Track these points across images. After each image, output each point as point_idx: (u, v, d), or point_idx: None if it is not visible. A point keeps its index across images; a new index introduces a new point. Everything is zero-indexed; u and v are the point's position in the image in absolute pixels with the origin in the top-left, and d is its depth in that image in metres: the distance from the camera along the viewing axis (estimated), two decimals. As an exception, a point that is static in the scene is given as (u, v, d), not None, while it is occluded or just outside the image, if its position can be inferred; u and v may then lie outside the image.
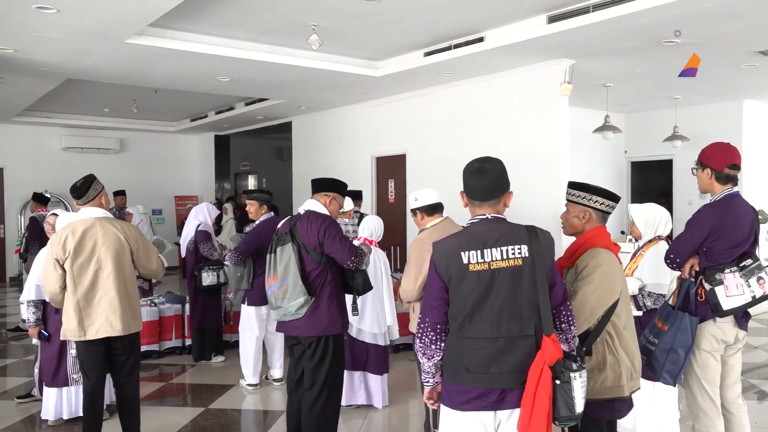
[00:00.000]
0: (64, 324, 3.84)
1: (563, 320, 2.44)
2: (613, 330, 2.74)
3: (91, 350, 3.87)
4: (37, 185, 12.58)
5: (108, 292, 3.83)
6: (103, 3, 5.07)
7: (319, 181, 3.96)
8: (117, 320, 3.84)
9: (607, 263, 2.75)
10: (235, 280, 5.36)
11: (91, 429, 3.94)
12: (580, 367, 2.33)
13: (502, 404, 2.34)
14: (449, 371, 2.42)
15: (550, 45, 6.37)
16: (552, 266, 2.42)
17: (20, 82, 8.28)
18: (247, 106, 10.89)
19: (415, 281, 3.73)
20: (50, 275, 3.79)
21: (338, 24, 6.19)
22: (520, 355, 2.33)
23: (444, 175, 8.35)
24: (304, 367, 3.79)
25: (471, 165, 2.51)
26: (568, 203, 2.95)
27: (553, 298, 2.40)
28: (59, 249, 3.76)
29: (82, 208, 3.95)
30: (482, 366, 2.34)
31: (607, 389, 2.70)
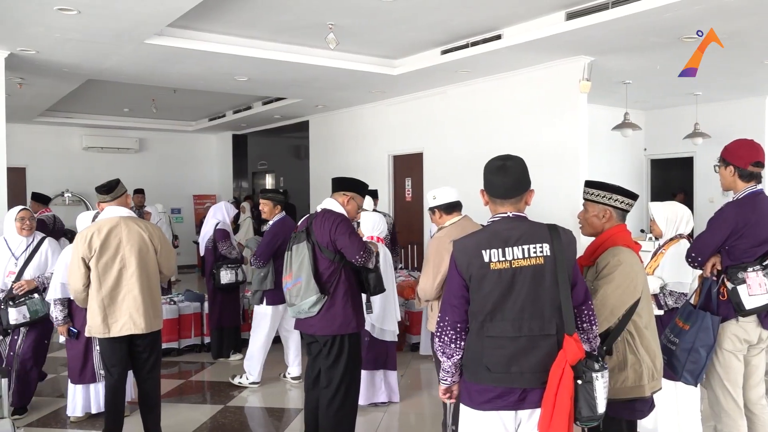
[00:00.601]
0: (89, 321, 3.89)
1: (585, 320, 2.42)
2: (634, 329, 2.71)
3: (114, 347, 3.92)
4: (59, 184, 12.78)
5: (132, 290, 3.88)
6: (123, 4, 5.12)
7: (338, 180, 3.97)
8: (140, 318, 3.89)
9: (629, 262, 2.72)
10: (258, 280, 5.38)
11: (113, 425, 3.99)
12: (602, 367, 2.31)
13: (522, 404, 2.33)
14: (469, 370, 2.42)
15: (569, 42, 6.32)
16: (573, 265, 2.40)
17: (42, 83, 8.39)
18: (265, 105, 10.94)
19: (433, 280, 3.72)
20: (75, 273, 3.85)
21: (355, 23, 6.20)
22: (542, 355, 2.32)
23: (461, 173, 8.33)
24: (320, 365, 3.81)
25: (492, 163, 2.49)
26: (587, 202, 2.93)
27: (574, 298, 2.38)
28: (85, 247, 3.81)
29: (107, 206, 4.02)
30: (503, 365, 2.33)
31: (627, 389, 2.67)
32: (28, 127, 12.26)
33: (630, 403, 2.71)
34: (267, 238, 5.41)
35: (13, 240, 4.82)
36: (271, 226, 5.51)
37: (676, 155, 10.50)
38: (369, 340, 4.82)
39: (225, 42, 6.68)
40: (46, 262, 4.89)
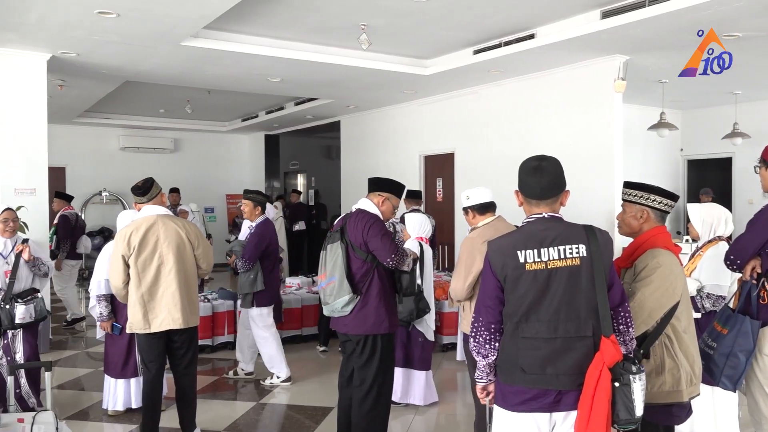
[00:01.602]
0: (130, 317, 3.99)
1: (621, 322, 2.39)
2: (673, 333, 2.66)
3: (152, 343, 4.02)
4: (97, 184, 13.08)
5: (170, 286, 3.97)
6: (161, 7, 5.22)
7: (374, 181, 3.97)
8: (178, 313, 3.98)
9: (668, 264, 2.67)
10: (248, 283, 5.40)
11: (151, 419, 4.07)
12: (639, 369, 2.28)
13: (558, 406, 2.32)
14: (503, 371, 2.41)
15: (604, 41, 6.24)
16: (610, 267, 2.38)
17: (82, 85, 8.61)
18: (297, 105, 11.04)
19: (464, 281, 3.71)
20: (115, 270, 3.96)
21: (387, 23, 6.22)
22: (578, 356, 2.30)
23: (493, 174, 8.29)
24: (354, 364, 3.83)
25: (528, 163, 2.48)
26: (625, 203, 2.89)
27: (611, 299, 2.35)
28: (124, 245, 3.91)
29: (145, 206, 4.10)
30: (538, 367, 2.32)
31: (664, 394, 2.63)
32: (68, 128, 12.58)
33: (667, 408, 2.66)
34: (254, 240, 5.42)
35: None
36: (256, 227, 5.51)
37: (714, 156, 10.28)
38: (423, 341, 4.86)
39: (259, 43, 6.76)
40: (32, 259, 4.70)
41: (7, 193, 6.73)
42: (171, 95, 10.27)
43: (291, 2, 5.64)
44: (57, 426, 3.15)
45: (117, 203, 13.22)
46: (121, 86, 8.93)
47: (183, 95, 10.21)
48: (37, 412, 3.21)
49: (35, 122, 6.88)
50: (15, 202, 6.45)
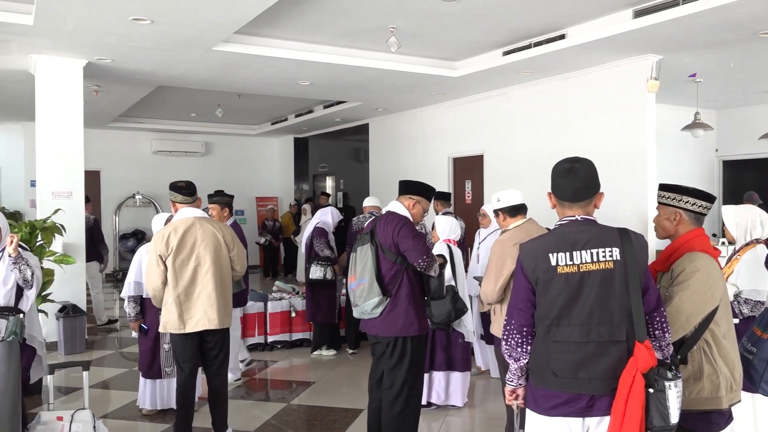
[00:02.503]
0: (165, 317, 4.04)
1: (657, 327, 2.34)
2: (711, 338, 2.59)
3: (186, 343, 4.08)
4: (130, 187, 13.33)
5: (206, 287, 4.03)
6: (194, 13, 5.31)
7: (405, 184, 3.96)
8: (214, 314, 4.04)
9: (707, 268, 2.60)
10: (236, 283, 5.17)
11: (184, 419, 4.13)
12: (675, 375, 2.23)
13: (591, 411, 2.28)
14: (535, 375, 2.39)
15: (636, 40, 6.15)
16: (645, 271, 2.33)
17: (116, 90, 8.79)
18: (326, 108, 11.10)
19: (495, 283, 3.69)
20: (153, 271, 4.01)
21: (416, 25, 6.22)
22: (611, 361, 2.26)
23: (523, 175, 8.23)
24: (383, 366, 3.83)
25: (560, 165, 2.45)
26: (659, 206, 2.84)
27: (646, 304, 2.31)
28: (162, 246, 3.97)
29: (183, 207, 4.16)
30: (570, 371, 2.29)
31: (703, 400, 2.56)
32: (102, 133, 12.84)
33: (706, 415, 2.59)
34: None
35: None
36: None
37: (751, 156, 10.03)
38: (463, 342, 4.87)
39: (289, 47, 6.83)
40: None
41: (45, 196, 6.91)
42: (202, 99, 10.42)
43: (320, 6, 5.68)
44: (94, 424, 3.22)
45: (150, 206, 13.45)
46: (153, 91, 9.09)
47: (214, 99, 10.34)
48: (76, 411, 3.28)
49: (72, 127, 7.05)
50: (52, 205, 6.63)
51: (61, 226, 6.24)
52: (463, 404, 4.98)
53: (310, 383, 5.77)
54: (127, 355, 6.86)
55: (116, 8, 5.21)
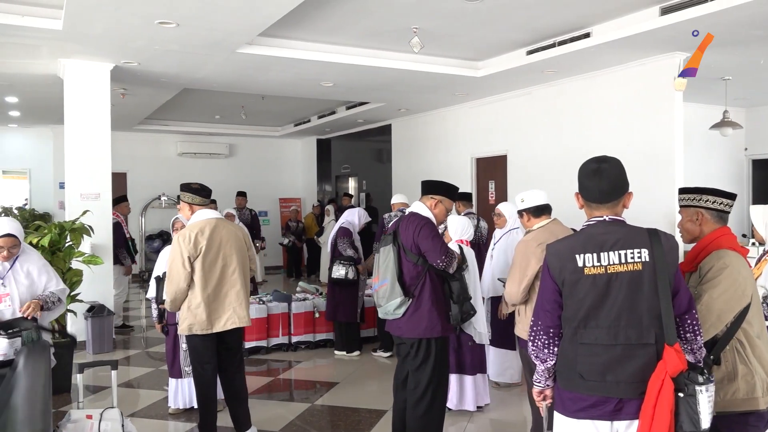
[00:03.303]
0: (190, 320, 4.01)
1: (688, 329, 2.30)
2: (745, 338, 2.53)
3: (208, 344, 4.11)
4: (156, 189, 13.51)
5: (234, 285, 4.09)
6: (219, 16, 5.36)
7: (427, 184, 3.96)
8: (243, 311, 4.12)
9: (736, 265, 2.55)
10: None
11: (210, 420, 4.17)
12: (707, 380, 2.18)
13: (619, 414, 2.26)
14: (562, 377, 2.36)
15: (663, 38, 6.07)
16: (675, 272, 2.29)
17: (142, 93, 8.91)
18: (348, 110, 11.13)
19: (519, 284, 3.67)
20: (180, 273, 3.96)
21: (439, 25, 6.21)
22: (639, 364, 2.23)
23: (547, 176, 8.16)
24: (408, 367, 3.82)
25: (587, 165, 2.42)
26: (681, 209, 2.82)
27: (677, 307, 2.27)
28: (191, 247, 3.96)
29: (201, 209, 4.16)
30: (598, 373, 2.26)
31: (739, 402, 2.50)
32: (129, 135, 13.03)
33: (743, 417, 2.52)
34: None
35: None
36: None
37: (782, 155, 9.83)
38: (473, 344, 4.81)
39: (312, 49, 6.86)
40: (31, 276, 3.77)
41: (74, 198, 7.02)
42: (226, 101, 10.52)
43: (343, 7, 5.69)
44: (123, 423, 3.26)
45: (175, 207, 13.60)
46: (179, 93, 9.20)
47: (237, 101, 10.44)
48: (105, 409, 3.33)
49: (100, 129, 7.17)
50: (81, 207, 6.73)
51: (90, 227, 6.34)
52: (476, 408, 4.88)
53: (333, 383, 5.78)
54: (153, 354, 6.95)
55: (143, 12, 5.29)
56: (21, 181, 13.51)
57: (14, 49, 6.54)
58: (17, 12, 5.54)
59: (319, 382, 5.89)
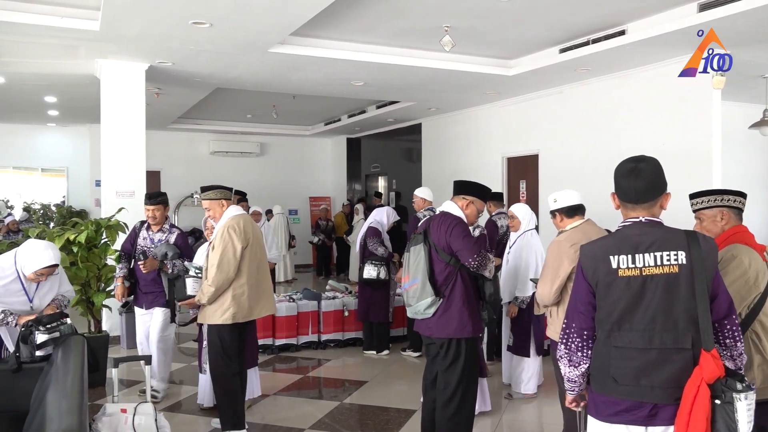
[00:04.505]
0: (234, 308, 4.14)
1: (728, 335, 2.24)
2: (761, 329, 2.62)
3: (235, 335, 4.25)
4: (189, 187, 13.69)
5: (266, 276, 4.39)
6: (252, 16, 5.41)
7: (460, 184, 3.94)
8: (272, 300, 4.45)
9: (745, 257, 2.67)
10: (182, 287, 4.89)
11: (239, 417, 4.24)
12: (746, 387, 2.11)
13: (654, 420, 2.21)
14: (596, 380, 2.33)
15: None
16: (715, 276, 2.24)
17: (176, 93, 9.05)
18: (379, 109, 11.14)
19: (551, 285, 3.62)
20: (231, 263, 4.11)
21: (471, 24, 6.17)
22: (675, 369, 2.18)
23: (579, 175, 8.05)
24: (437, 367, 3.81)
25: (623, 165, 2.37)
26: (699, 212, 2.95)
27: (715, 311, 2.22)
28: (243, 237, 4.16)
29: (234, 205, 4.38)
30: (632, 378, 2.22)
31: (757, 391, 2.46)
32: (163, 134, 13.24)
33: (760, 406, 2.45)
34: (186, 242, 5.30)
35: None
36: (182, 233, 5.35)
37: (824, 155, 9.52)
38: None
39: (343, 48, 6.88)
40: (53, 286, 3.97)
41: (109, 195, 7.16)
42: (258, 101, 10.62)
43: (375, 6, 5.70)
44: (156, 417, 3.32)
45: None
46: (211, 93, 9.32)
47: (269, 100, 10.52)
48: (138, 404, 3.38)
49: (135, 128, 7.30)
50: (116, 204, 6.86)
51: (125, 224, 6.45)
52: (478, 412, 4.73)
53: (362, 382, 5.79)
54: (185, 350, 7.05)
55: (177, 13, 5.36)
56: (59, 179, 13.84)
57: (53, 49, 6.70)
58: (57, 13, 5.67)
59: (348, 380, 5.91)
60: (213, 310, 4.19)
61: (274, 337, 6.77)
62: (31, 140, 13.33)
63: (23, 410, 3.15)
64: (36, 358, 3.34)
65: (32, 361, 3.33)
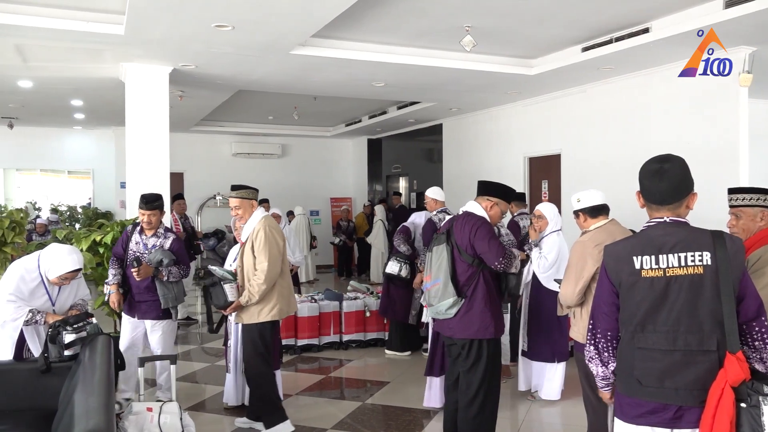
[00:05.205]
0: (281, 304, 4.30)
1: (757, 337, 2.19)
2: None
3: (274, 332, 4.42)
4: (211, 188, 13.83)
5: (289, 275, 4.51)
6: (274, 18, 5.45)
7: (484, 184, 3.92)
8: (294, 298, 4.60)
9: None
10: (181, 293, 4.91)
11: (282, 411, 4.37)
12: None
13: (679, 422, 2.19)
14: (621, 381, 2.31)
15: (727, 32, 5.80)
16: (742, 277, 2.20)
17: (199, 95, 9.14)
18: (399, 109, 11.14)
19: (575, 285, 3.59)
20: (278, 262, 4.25)
21: (492, 23, 6.14)
22: (700, 372, 2.16)
23: (602, 175, 7.97)
24: (459, 368, 3.80)
25: (649, 165, 2.34)
26: (738, 209, 2.87)
27: (743, 313, 2.18)
28: (282, 237, 4.33)
29: (260, 208, 4.46)
30: (656, 379, 2.20)
31: None
32: (186, 136, 13.38)
33: None
34: (182, 248, 5.04)
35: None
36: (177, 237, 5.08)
37: None
38: None
39: (364, 49, 6.89)
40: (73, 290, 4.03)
41: (134, 197, 7.25)
42: (279, 102, 10.68)
43: (395, 7, 5.70)
44: (181, 416, 3.36)
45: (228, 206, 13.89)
46: (233, 95, 9.40)
47: (290, 102, 10.58)
48: (164, 403, 3.43)
49: (159, 131, 7.38)
50: (141, 206, 6.94)
51: (149, 225, 6.53)
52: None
53: (384, 383, 5.80)
54: (209, 350, 7.12)
55: (200, 16, 5.42)
56: (85, 181, 14.08)
57: (80, 54, 6.81)
58: (83, 18, 5.77)
59: (370, 380, 5.92)
60: (257, 309, 4.26)
61: (296, 337, 6.81)
62: (58, 143, 13.59)
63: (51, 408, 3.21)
64: (64, 358, 3.42)
65: (60, 361, 3.41)
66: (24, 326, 3.64)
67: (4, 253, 4.92)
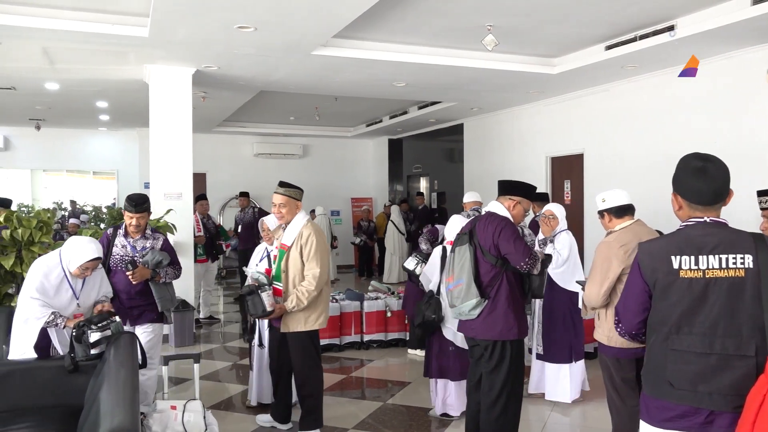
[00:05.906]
0: (326, 312, 4.27)
1: None
2: None
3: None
4: (233, 188, 13.90)
5: None
6: (295, 19, 5.47)
7: (506, 183, 3.89)
8: None
9: None
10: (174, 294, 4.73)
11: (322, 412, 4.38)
12: None
13: (710, 427, 2.14)
14: (649, 383, 2.27)
15: (755, 29, 5.72)
16: None
17: (221, 96, 9.22)
18: (420, 109, 11.12)
19: (600, 286, 3.54)
20: (327, 266, 4.19)
21: (513, 22, 6.10)
22: (736, 377, 2.11)
23: (626, 175, 7.88)
24: (482, 370, 3.77)
25: (690, 162, 2.27)
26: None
27: None
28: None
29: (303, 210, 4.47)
30: (688, 382, 2.15)
31: None
32: (208, 137, 13.50)
33: None
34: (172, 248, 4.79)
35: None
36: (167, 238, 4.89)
37: None
38: (454, 349, 4.66)
39: (385, 49, 6.89)
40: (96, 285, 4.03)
41: (158, 197, 7.34)
42: (300, 103, 10.73)
43: (417, 7, 5.69)
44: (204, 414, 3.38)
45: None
46: (255, 96, 9.46)
47: (311, 102, 10.62)
48: (188, 401, 3.46)
49: (182, 132, 7.46)
50: (164, 206, 7.03)
51: (173, 225, 6.61)
52: (460, 414, 4.69)
53: (406, 383, 5.79)
54: (230, 349, 7.17)
55: (223, 18, 5.46)
56: (110, 182, 14.28)
57: (105, 56, 6.91)
58: (107, 21, 5.85)
59: (392, 381, 5.91)
60: (304, 316, 4.14)
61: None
62: (83, 144, 13.81)
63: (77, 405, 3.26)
64: (91, 356, 3.45)
65: (87, 359, 3.45)
66: (45, 326, 3.65)
67: (32, 252, 4.98)
